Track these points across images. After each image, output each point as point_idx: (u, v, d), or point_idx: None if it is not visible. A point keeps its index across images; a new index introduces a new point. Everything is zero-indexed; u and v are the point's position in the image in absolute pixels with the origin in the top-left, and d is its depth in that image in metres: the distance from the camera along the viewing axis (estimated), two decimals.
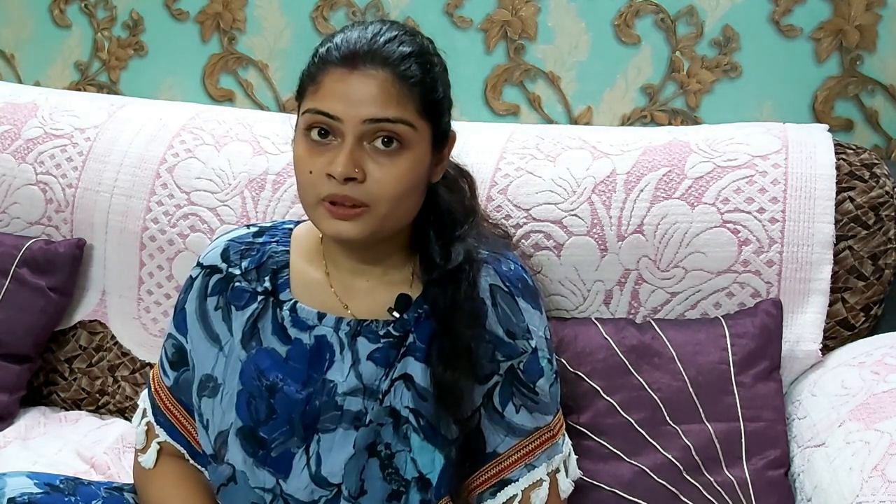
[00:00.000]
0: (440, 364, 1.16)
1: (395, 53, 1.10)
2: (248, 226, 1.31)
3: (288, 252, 1.25)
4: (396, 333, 1.20)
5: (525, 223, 1.52)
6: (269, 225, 1.30)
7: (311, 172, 1.11)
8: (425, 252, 1.20)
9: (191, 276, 1.27)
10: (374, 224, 1.11)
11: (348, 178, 1.08)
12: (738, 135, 1.55)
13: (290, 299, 1.23)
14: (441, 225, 1.21)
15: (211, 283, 1.25)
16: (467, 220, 1.23)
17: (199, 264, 1.27)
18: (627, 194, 1.50)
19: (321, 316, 1.21)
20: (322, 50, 1.13)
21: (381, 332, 1.20)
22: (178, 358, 1.28)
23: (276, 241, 1.26)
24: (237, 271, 1.24)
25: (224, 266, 1.25)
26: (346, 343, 1.20)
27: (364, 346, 1.19)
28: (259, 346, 1.21)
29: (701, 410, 1.37)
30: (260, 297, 1.23)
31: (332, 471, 1.17)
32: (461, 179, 1.30)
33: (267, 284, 1.23)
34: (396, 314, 1.20)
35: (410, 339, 1.19)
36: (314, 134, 1.11)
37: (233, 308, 1.23)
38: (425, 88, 1.12)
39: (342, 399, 1.18)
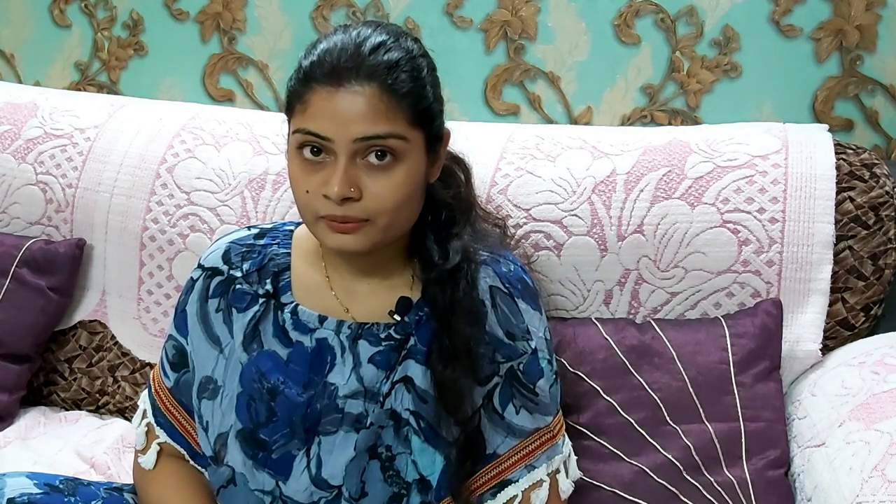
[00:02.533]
0: (440, 363, 1.16)
1: (380, 65, 1.08)
2: (248, 227, 1.30)
3: (289, 254, 1.25)
4: (397, 336, 1.20)
5: (525, 223, 1.52)
6: (269, 226, 1.30)
7: (307, 192, 1.10)
8: (424, 252, 1.19)
9: (192, 277, 1.27)
10: (376, 236, 1.11)
11: (345, 199, 1.07)
12: (737, 135, 1.55)
13: (292, 302, 1.22)
14: (438, 223, 1.20)
15: (212, 285, 1.25)
16: (464, 215, 1.22)
17: (200, 266, 1.27)
18: (627, 194, 1.50)
19: (322, 319, 1.21)
20: (306, 64, 1.11)
21: (383, 336, 1.20)
22: (179, 359, 1.27)
23: (278, 244, 1.26)
24: (238, 273, 1.24)
25: (225, 268, 1.25)
26: (347, 346, 1.20)
27: (365, 349, 1.19)
28: (260, 348, 1.21)
29: (701, 410, 1.37)
30: (261, 300, 1.23)
31: (332, 473, 1.17)
32: (456, 169, 1.28)
33: (268, 287, 1.23)
34: (397, 317, 1.20)
35: (411, 341, 1.19)
36: (306, 152, 1.10)
37: (234, 310, 1.23)
38: (415, 98, 1.10)
39: (343, 402, 1.18)
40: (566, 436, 1.25)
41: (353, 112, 1.07)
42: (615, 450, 1.37)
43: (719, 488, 1.33)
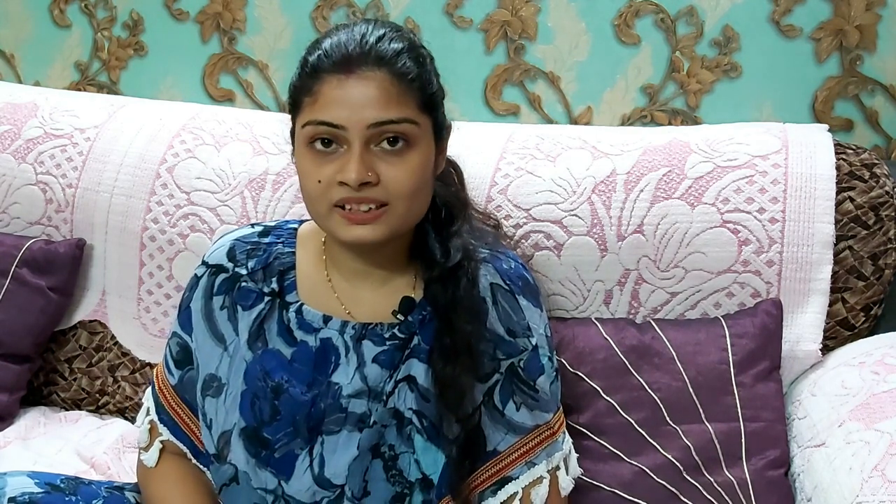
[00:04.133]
0: (441, 360, 1.16)
1: (388, 51, 1.10)
2: (252, 225, 1.30)
3: (294, 253, 1.25)
4: (401, 336, 1.20)
5: (525, 223, 1.52)
6: (273, 224, 1.30)
7: (319, 182, 1.10)
8: (425, 250, 1.19)
9: (196, 274, 1.27)
10: (393, 223, 1.11)
11: (363, 184, 1.08)
12: (738, 135, 1.55)
13: (297, 301, 1.22)
14: (438, 221, 1.21)
15: (217, 282, 1.25)
16: (461, 213, 1.23)
17: (204, 263, 1.27)
18: (627, 194, 1.50)
19: (327, 319, 1.21)
20: (312, 59, 1.11)
21: (387, 335, 1.20)
22: (183, 356, 1.27)
23: (282, 242, 1.26)
24: (243, 271, 1.24)
25: (230, 266, 1.25)
26: (351, 346, 1.20)
27: (369, 348, 1.19)
28: (265, 347, 1.21)
29: (701, 410, 1.37)
30: (266, 298, 1.23)
31: (335, 472, 1.17)
32: (452, 170, 1.29)
33: (273, 285, 1.23)
34: (401, 316, 1.20)
35: (415, 340, 1.19)
36: (318, 145, 1.10)
37: (239, 308, 1.23)
38: (422, 83, 1.11)
39: (347, 401, 1.18)
40: (566, 433, 1.25)
41: (366, 98, 1.08)
42: (615, 450, 1.37)
43: (719, 488, 1.33)
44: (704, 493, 1.33)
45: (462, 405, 1.16)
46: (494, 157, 1.58)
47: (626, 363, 1.40)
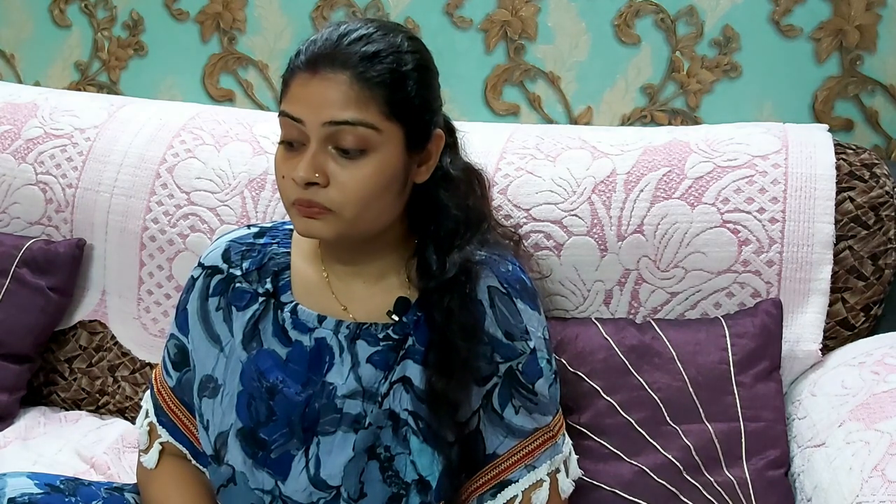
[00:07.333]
0: (435, 374, 1.16)
1: (355, 55, 1.10)
2: (248, 226, 1.31)
3: (289, 254, 1.25)
4: (396, 336, 1.20)
5: (525, 223, 1.52)
6: (269, 226, 1.30)
7: (283, 177, 1.12)
8: (422, 258, 1.19)
9: (192, 276, 1.27)
10: (341, 226, 1.11)
11: (310, 183, 1.09)
12: (738, 135, 1.55)
13: (291, 301, 1.23)
14: (438, 231, 1.19)
15: (212, 283, 1.25)
16: (470, 227, 1.20)
17: (200, 265, 1.27)
18: (627, 194, 1.50)
19: (321, 318, 1.21)
20: (293, 54, 1.14)
21: (381, 335, 1.20)
22: (181, 358, 1.28)
23: (277, 243, 1.26)
24: (238, 272, 1.24)
25: (225, 267, 1.25)
26: (345, 346, 1.20)
27: (363, 348, 1.19)
28: (260, 347, 1.22)
29: (701, 410, 1.37)
30: (261, 299, 1.23)
31: (331, 473, 1.17)
32: (473, 179, 1.27)
33: (268, 286, 1.23)
34: (395, 317, 1.20)
35: (410, 341, 1.19)
36: (287, 138, 1.12)
37: (233, 309, 1.23)
38: (390, 89, 1.10)
39: (341, 402, 1.18)
40: (566, 435, 1.25)
41: (324, 97, 1.09)
42: (615, 450, 1.37)
43: (719, 488, 1.33)
44: (704, 493, 1.33)
45: (455, 415, 1.16)
46: (494, 157, 1.58)
47: (626, 363, 1.40)
